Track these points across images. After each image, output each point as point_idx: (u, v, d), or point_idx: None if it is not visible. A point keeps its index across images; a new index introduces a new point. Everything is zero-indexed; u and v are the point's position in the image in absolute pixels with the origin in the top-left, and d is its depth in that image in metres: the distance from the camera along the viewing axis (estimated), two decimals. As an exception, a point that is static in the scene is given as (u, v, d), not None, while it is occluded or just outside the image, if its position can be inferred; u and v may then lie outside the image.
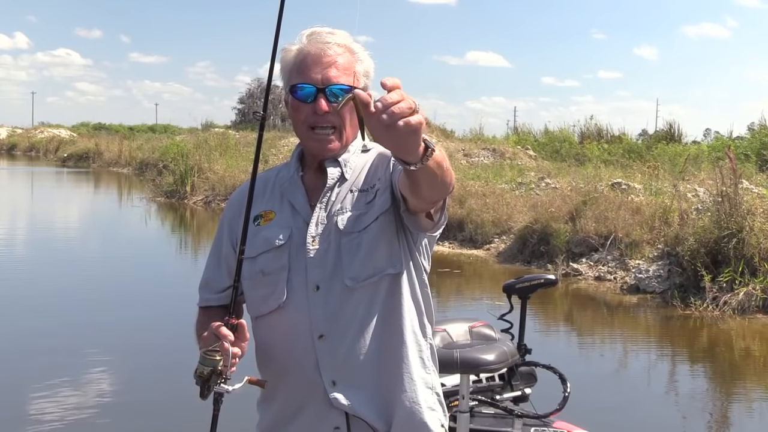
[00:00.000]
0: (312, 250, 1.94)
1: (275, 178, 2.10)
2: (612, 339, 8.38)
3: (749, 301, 8.58)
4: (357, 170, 2.01)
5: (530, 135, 31.56)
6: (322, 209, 1.97)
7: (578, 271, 10.86)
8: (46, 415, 5.34)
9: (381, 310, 1.94)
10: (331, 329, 1.92)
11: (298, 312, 1.94)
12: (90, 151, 41.10)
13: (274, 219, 2.01)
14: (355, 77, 1.95)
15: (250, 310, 2.05)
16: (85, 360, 6.64)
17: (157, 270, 11.74)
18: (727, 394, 6.61)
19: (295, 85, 1.95)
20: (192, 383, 1.82)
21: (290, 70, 1.99)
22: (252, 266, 1.98)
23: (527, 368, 3.66)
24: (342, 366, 1.92)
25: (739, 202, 9.15)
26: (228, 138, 27.40)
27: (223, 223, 2.15)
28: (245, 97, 55.08)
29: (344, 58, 1.95)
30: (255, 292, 1.99)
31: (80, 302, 9.00)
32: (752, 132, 29.26)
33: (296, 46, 2.00)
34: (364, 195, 1.97)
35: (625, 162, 18.90)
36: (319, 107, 1.92)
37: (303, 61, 1.95)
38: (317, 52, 1.94)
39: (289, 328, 1.96)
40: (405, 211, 1.90)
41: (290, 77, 1.99)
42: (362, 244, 1.92)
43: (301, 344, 1.94)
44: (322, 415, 1.94)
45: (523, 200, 13.62)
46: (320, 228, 1.96)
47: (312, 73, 1.93)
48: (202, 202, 20.60)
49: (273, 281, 1.96)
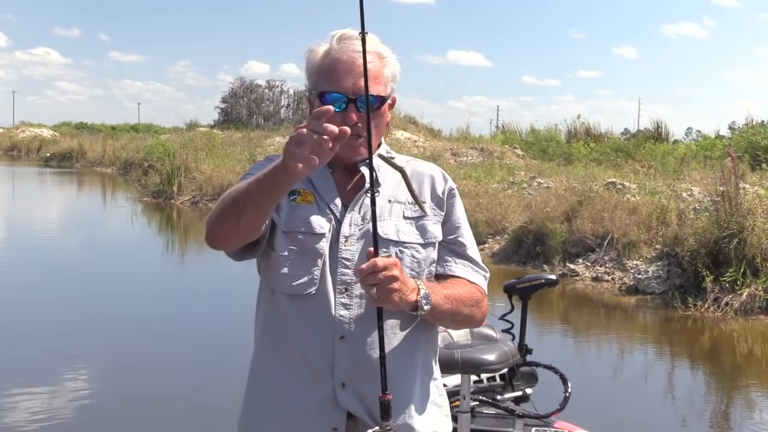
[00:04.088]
0: (345, 250, 1.91)
1: None
2: (613, 340, 8.31)
3: (752, 302, 8.51)
4: (389, 178, 2.01)
5: (516, 134, 31.60)
6: (356, 211, 1.95)
7: (575, 271, 10.77)
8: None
9: (402, 318, 1.93)
10: (353, 332, 1.90)
11: (324, 308, 1.90)
12: (73, 150, 40.83)
13: (312, 204, 1.95)
14: (384, 84, 1.95)
15: (274, 283, 1.95)
16: (66, 359, 6.59)
17: (150, 269, 11.57)
18: (730, 396, 6.58)
19: (325, 93, 1.90)
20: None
21: (317, 72, 1.95)
22: (286, 241, 1.92)
23: (528, 368, 3.65)
24: (356, 369, 1.90)
25: (739, 201, 9.08)
26: (214, 137, 27.23)
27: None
28: (228, 96, 54.92)
29: (374, 65, 1.92)
30: (287, 268, 1.92)
31: (64, 301, 8.86)
32: (734, 131, 29.46)
33: (323, 47, 1.96)
34: (401, 208, 1.98)
35: (615, 161, 18.88)
36: (350, 118, 1.88)
37: (333, 68, 1.91)
38: (349, 60, 1.90)
39: (312, 321, 1.91)
40: None
41: (317, 81, 1.95)
42: (403, 259, 1.92)
43: (320, 340, 1.90)
44: (322, 413, 1.90)
45: (517, 200, 13.53)
46: (354, 229, 1.93)
47: (343, 82, 1.89)
48: (189, 202, 20.43)
49: (308, 266, 1.91)
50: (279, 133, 32.69)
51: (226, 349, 7.03)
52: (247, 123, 48.59)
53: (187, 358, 6.88)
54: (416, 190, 2.00)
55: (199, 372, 6.44)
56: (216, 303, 9.10)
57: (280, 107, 55.44)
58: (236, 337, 7.36)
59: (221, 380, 6.06)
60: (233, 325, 8.04)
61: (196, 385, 6.10)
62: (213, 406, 5.39)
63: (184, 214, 19.04)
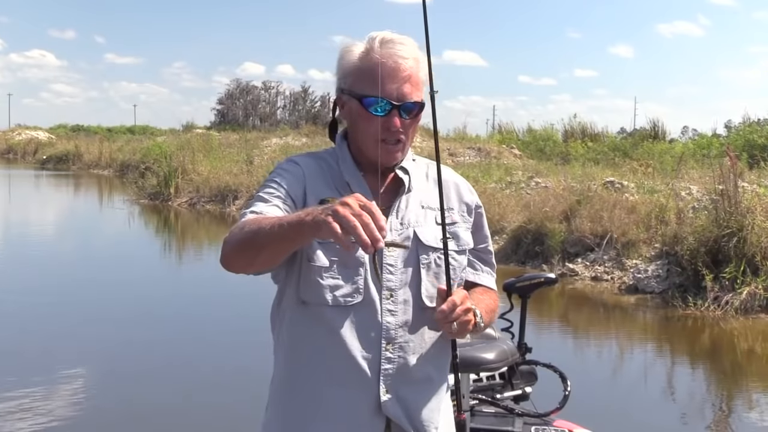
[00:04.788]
0: (388, 256, 1.91)
1: (328, 170, 1.98)
2: (613, 339, 8.30)
3: (752, 300, 8.50)
4: (419, 182, 2.03)
5: (513, 134, 31.58)
6: (395, 215, 1.95)
7: (574, 271, 10.76)
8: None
9: (435, 328, 1.95)
10: (400, 339, 1.90)
11: (371, 315, 1.89)
12: (69, 153, 40.72)
13: None
14: (421, 89, 1.96)
15: (311, 295, 1.89)
16: (61, 363, 6.54)
17: (148, 270, 11.54)
18: (730, 394, 6.58)
19: (368, 97, 1.89)
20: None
21: (355, 73, 1.93)
22: (326, 252, 1.88)
23: (528, 367, 3.63)
24: (400, 375, 1.90)
25: (739, 200, 9.07)
26: (211, 139, 27.18)
27: (300, 171, 1.94)
28: (224, 97, 54.87)
29: (414, 70, 1.93)
30: (330, 279, 1.88)
31: (61, 304, 8.81)
32: (730, 129, 29.49)
33: (362, 47, 1.94)
34: (433, 213, 1.98)
35: (612, 161, 18.88)
36: (394, 124, 1.90)
37: (376, 71, 1.88)
38: (393, 65, 1.89)
39: (359, 329, 1.89)
40: None
41: (354, 82, 1.93)
42: (442, 266, 1.92)
43: (368, 348, 1.89)
44: (364, 421, 1.89)
45: (515, 200, 13.52)
46: (394, 234, 1.92)
47: (387, 88, 1.88)
48: (186, 204, 20.40)
49: (351, 275, 1.89)
50: (276, 134, 32.66)
51: (227, 351, 7.01)
52: (244, 124, 48.54)
53: (188, 359, 6.86)
54: (444, 196, 1.96)
55: (199, 373, 6.42)
56: (215, 304, 9.09)
57: (277, 108, 55.43)
58: (233, 340, 7.38)
59: (222, 381, 6.05)
60: (233, 327, 8.04)
61: (196, 385, 6.07)
62: (217, 406, 5.36)
63: (182, 216, 19.00)
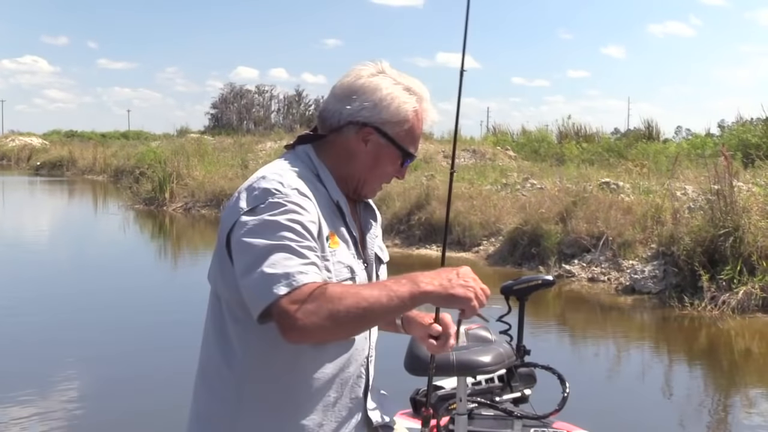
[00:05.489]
0: (375, 277, 2.06)
1: (316, 191, 1.89)
2: (610, 340, 8.30)
3: (749, 300, 8.50)
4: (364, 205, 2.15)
5: (508, 135, 31.64)
6: (369, 243, 2.05)
7: (571, 272, 10.76)
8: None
9: None
10: (374, 351, 2.06)
11: (363, 338, 1.99)
12: (63, 158, 40.64)
13: (341, 245, 1.91)
14: None
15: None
16: (61, 369, 6.53)
17: (144, 277, 11.51)
18: (728, 394, 6.58)
19: (411, 155, 2.00)
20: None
21: (404, 127, 1.97)
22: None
23: (526, 369, 3.61)
24: (373, 383, 2.03)
25: (734, 200, 9.08)
26: (205, 144, 27.17)
27: (314, 206, 1.83)
28: (218, 102, 54.94)
29: None
30: None
31: (57, 310, 8.78)
32: (723, 129, 29.55)
33: (413, 102, 1.97)
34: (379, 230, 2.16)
35: (607, 161, 18.90)
36: (402, 175, 2.06)
37: (417, 132, 2.00)
38: (423, 128, 2.03)
39: (353, 354, 1.95)
40: None
41: (400, 133, 1.97)
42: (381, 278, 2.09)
43: (359, 368, 1.97)
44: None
45: (511, 201, 13.52)
46: (373, 257, 2.05)
47: (417, 146, 2.03)
48: (181, 209, 20.36)
49: None
50: (270, 138, 32.64)
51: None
52: (238, 128, 48.63)
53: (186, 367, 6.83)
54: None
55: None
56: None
57: (271, 112, 55.63)
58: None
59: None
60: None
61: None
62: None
63: (177, 221, 18.97)
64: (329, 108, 1.96)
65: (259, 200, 1.76)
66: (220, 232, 1.84)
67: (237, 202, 1.80)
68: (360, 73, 1.95)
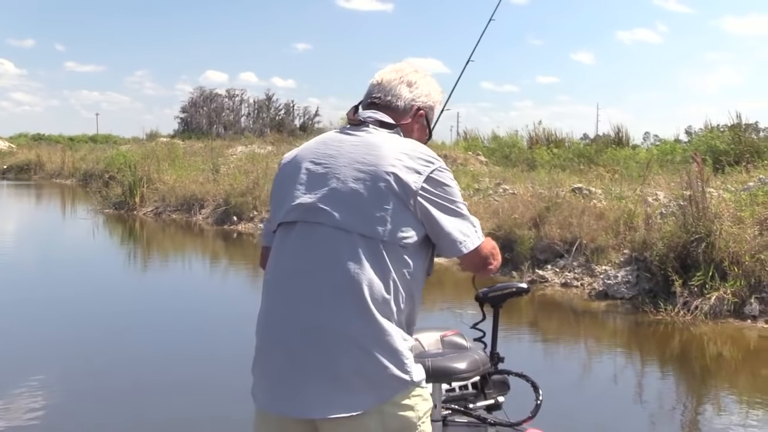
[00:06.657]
0: None
1: None
2: (583, 345, 8.30)
3: (721, 305, 8.55)
4: None
5: (479, 140, 31.68)
6: None
7: (544, 278, 10.76)
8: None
9: None
10: None
11: None
12: (31, 162, 40.13)
13: None
14: None
15: (430, 268, 2.53)
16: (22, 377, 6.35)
17: (115, 280, 11.33)
18: (700, 399, 6.61)
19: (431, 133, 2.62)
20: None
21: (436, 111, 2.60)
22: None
23: (500, 377, 3.64)
24: None
25: (706, 206, 9.12)
26: (175, 148, 26.93)
27: None
28: (188, 105, 54.48)
29: None
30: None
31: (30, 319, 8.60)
32: (691, 135, 29.82)
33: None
34: None
35: (578, 167, 18.97)
36: None
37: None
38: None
39: None
40: None
41: (433, 115, 2.60)
42: None
43: None
44: None
45: (483, 207, 13.50)
46: None
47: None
48: (152, 213, 20.14)
49: None
50: (241, 142, 32.46)
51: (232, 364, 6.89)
52: (208, 132, 48.25)
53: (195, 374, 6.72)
54: None
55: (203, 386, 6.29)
56: (188, 313, 8.94)
57: (241, 116, 55.17)
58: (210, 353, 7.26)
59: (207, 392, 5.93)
60: (205, 338, 7.90)
61: (180, 398, 5.94)
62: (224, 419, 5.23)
63: (147, 225, 18.75)
64: (395, 94, 2.45)
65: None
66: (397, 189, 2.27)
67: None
68: (411, 68, 2.52)
